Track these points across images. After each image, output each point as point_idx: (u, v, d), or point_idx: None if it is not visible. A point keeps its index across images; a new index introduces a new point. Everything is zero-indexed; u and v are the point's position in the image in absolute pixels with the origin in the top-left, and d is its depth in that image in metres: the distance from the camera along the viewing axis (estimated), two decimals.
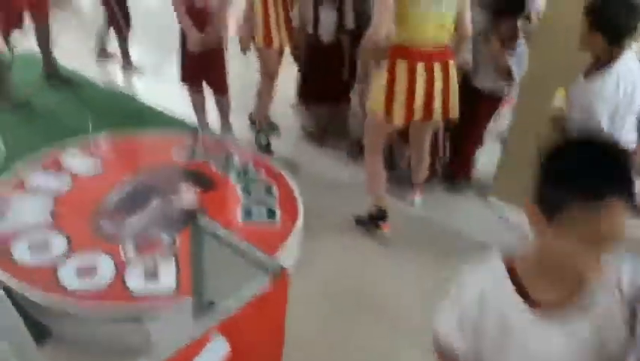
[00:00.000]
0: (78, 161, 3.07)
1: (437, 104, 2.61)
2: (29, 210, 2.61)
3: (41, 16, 4.03)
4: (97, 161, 3.10)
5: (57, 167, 2.99)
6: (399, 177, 3.37)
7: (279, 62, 3.71)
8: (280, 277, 1.50)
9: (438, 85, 2.58)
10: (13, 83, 3.97)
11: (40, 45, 4.17)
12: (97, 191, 2.81)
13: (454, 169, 3.54)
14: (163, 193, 2.87)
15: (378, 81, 2.65)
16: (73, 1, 6.69)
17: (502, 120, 3.76)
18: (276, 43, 3.51)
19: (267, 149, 3.81)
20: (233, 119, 3.81)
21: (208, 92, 3.69)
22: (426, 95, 2.58)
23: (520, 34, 3.11)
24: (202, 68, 3.47)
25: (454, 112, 2.71)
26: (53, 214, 2.61)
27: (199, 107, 3.71)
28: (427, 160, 3.13)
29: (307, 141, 4.01)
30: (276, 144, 3.88)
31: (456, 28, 2.65)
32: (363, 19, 3.48)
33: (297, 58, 3.91)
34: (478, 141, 3.51)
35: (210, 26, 3.32)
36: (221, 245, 1.66)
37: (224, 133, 3.77)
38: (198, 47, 3.32)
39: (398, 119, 2.64)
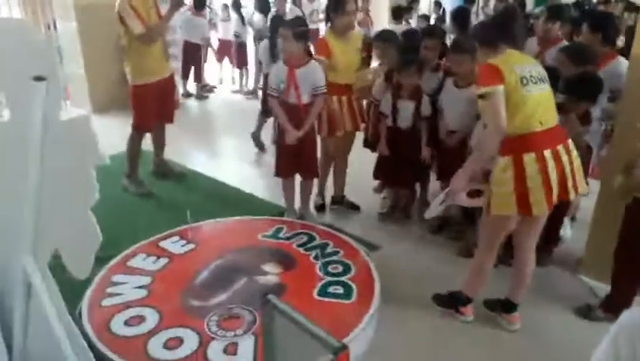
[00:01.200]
0: (176, 245, 3.37)
1: (570, 183, 2.52)
2: (130, 288, 2.90)
3: (167, 120, 4.60)
4: (192, 244, 3.38)
5: (157, 250, 3.30)
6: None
7: (342, 146, 4.03)
8: (342, 355, 1.58)
9: (567, 167, 2.49)
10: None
11: (156, 143, 4.70)
12: (189, 270, 3.07)
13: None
14: (248, 272, 3.06)
15: (503, 182, 2.49)
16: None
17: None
18: (339, 132, 3.82)
19: (321, 209, 4.19)
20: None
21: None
22: (559, 180, 2.48)
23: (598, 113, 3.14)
24: (296, 160, 3.70)
25: (583, 187, 2.61)
26: (150, 292, 2.88)
27: (289, 191, 3.95)
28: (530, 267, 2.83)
29: (387, 221, 4.07)
30: (356, 224, 4.00)
31: None
32: (437, 104, 3.67)
33: (370, 146, 4.14)
34: (561, 212, 3.34)
35: (305, 122, 3.55)
36: (291, 324, 1.77)
37: (304, 213, 3.97)
38: (294, 142, 3.56)
39: (539, 210, 2.52)
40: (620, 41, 3.99)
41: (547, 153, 2.44)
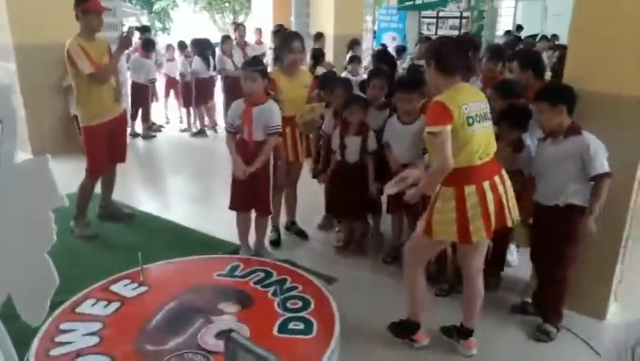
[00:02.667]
0: (127, 288, 3.25)
1: (506, 211, 2.65)
2: (80, 336, 2.76)
3: (119, 160, 4.52)
4: (145, 286, 3.27)
5: (108, 295, 3.17)
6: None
7: (289, 175, 4.14)
8: None
9: (503, 197, 2.63)
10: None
11: (106, 183, 4.58)
12: (143, 314, 2.96)
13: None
14: (204, 313, 2.99)
15: (446, 211, 2.61)
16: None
17: None
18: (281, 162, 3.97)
19: (276, 244, 4.23)
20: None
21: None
22: (497, 210, 2.61)
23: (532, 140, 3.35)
24: (250, 195, 3.73)
25: (515, 213, 2.73)
26: (102, 338, 2.75)
27: (243, 226, 3.94)
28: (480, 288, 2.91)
29: (343, 254, 4.11)
30: (312, 258, 4.03)
31: None
32: (382, 140, 3.83)
33: (317, 178, 4.29)
34: (506, 238, 3.51)
35: (257, 159, 3.59)
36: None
37: (259, 250, 3.96)
38: (242, 176, 3.58)
39: (478, 238, 2.63)
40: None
41: (485, 184, 2.58)
